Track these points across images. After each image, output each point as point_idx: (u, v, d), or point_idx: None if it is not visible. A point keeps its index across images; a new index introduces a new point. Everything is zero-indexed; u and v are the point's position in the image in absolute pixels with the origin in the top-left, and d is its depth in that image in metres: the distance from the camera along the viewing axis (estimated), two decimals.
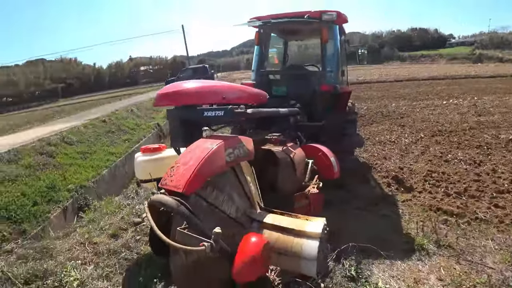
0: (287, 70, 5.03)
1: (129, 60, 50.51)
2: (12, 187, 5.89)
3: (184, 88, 2.07)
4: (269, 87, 4.79)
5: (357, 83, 19.11)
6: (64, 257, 2.72)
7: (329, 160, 2.84)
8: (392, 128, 8.10)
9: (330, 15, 3.88)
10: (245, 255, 1.39)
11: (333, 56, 4.49)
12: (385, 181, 4.86)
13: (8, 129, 13.39)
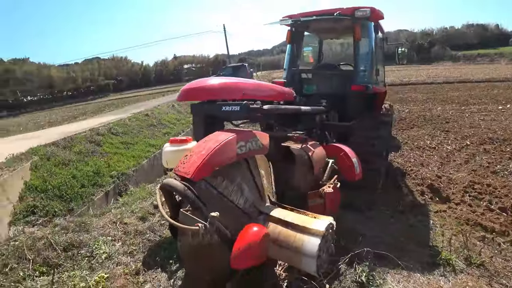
0: (318, 69, 4.95)
1: (173, 59, 53.15)
2: (65, 170, 6.63)
3: (205, 84, 2.19)
4: (300, 86, 4.79)
5: (401, 84, 18.00)
6: (98, 232, 3.03)
7: (351, 161, 2.77)
8: (434, 134, 7.54)
9: (363, 11, 3.73)
10: (243, 242, 1.45)
11: (367, 54, 4.33)
12: (418, 189, 4.58)
13: (66, 119, 15.03)
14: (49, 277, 2.35)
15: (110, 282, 2.30)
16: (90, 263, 2.57)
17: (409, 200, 4.23)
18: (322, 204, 2.27)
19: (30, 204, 5.15)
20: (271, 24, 4.69)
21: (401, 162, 5.73)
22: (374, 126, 4.13)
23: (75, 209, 5.62)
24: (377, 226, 3.22)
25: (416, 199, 4.29)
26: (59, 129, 11.10)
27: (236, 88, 2.28)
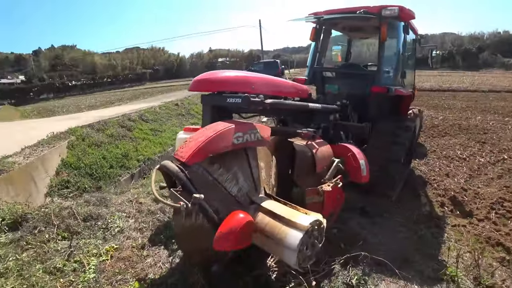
0: (341, 68, 4.86)
1: (208, 52, 54.27)
2: (97, 151, 7.18)
3: (215, 77, 2.30)
4: (322, 84, 4.75)
5: (440, 90, 16.88)
6: (115, 208, 3.32)
7: (358, 163, 2.74)
8: (467, 144, 7.04)
9: (391, 10, 3.60)
10: (226, 226, 1.54)
11: (393, 56, 4.18)
12: (439, 200, 4.34)
13: (104, 104, 16.11)
14: (68, 241, 2.65)
15: (118, 252, 2.54)
16: (104, 234, 2.84)
17: (425, 210, 4.04)
18: (320, 202, 2.28)
19: (64, 179, 5.68)
20: (294, 20, 4.68)
21: (424, 170, 5.47)
22: (393, 130, 4.00)
23: (103, 187, 6.07)
24: (383, 233, 3.14)
25: (434, 210, 4.09)
26: (96, 112, 11.97)
27: (245, 81, 2.36)
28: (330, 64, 5.68)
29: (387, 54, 4.08)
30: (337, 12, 4.13)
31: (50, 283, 2.14)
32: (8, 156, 5.24)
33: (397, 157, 3.91)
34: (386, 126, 4.09)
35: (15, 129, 9.26)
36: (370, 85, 3.96)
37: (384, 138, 3.97)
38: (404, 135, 4.00)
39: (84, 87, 34.48)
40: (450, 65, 33.95)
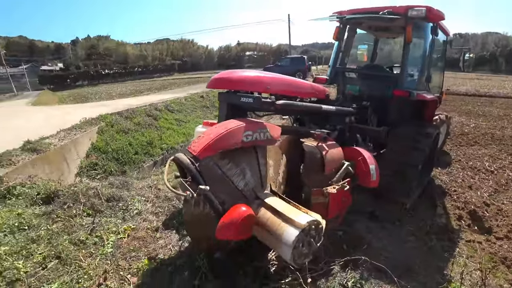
0: (362, 69, 4.77)
1: (236, 45, 54.54)
2: (124, 137, 7.62)
3: (232, 76, 2.40)
4: (343, 85, 4.70)
5: (475, 95, 15.82)
6: (136, 192, 3.59)
7: (367, 167, 2.74)
8: (498, 156, 6.64)
9: (417, 11, 3.47)
10: (228, 217, 1.66)
11: (418, 58, 4.06)
12: (456, 213, 4.18)
13: (134, 92, 16.86)
14: (92, 218, 2.93)
15: (134, 232, 2.78)
16: (124, 214, 3.10)
17: (440, 222, 3.91)
18: (325, 203, 2.32)
19: (93, 161, 6.13)
20: (316, 20, 4.65)
21: (445, 180, 5.27)
22: (413, 135, 3.91)
23: (127, 172, 6.47)
24: (390, 240, 3.11)
25: (449, 223, 3.95)
26: (126, 101, 12.58)
27: (260, 81, 2.44)
28: (355, 63, 5.59)
29: (412, 56, 3.95)
30: (361, 12, 4.06)
31: (74, 252, 2.42)
32: (45, 137, 5.74)
33: (414, 163, 3.81)
34: (406, 130, 3.99)
35: (53, 113, 10.01)
36: (392, 88, 3.87)
37: (402, 143, 3.88)
38: (424, 141, 3.87)
39: (116, 75, 36.12)
40: (491, 68, 31.54)
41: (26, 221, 2.76)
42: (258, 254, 2.28)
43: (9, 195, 3.36)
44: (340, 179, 2.59)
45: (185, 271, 2.16)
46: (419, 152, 3.79)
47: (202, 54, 49.52)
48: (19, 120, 8.85)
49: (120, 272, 2.23)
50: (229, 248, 2.10)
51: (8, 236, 2.55)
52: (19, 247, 2.41)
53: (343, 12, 4.30)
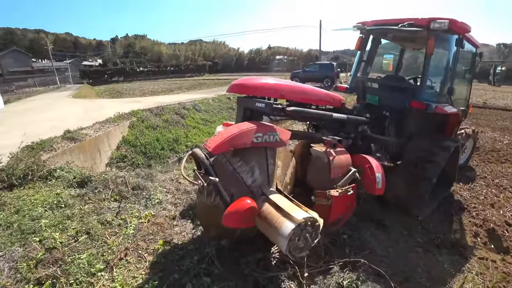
0: (382, 80, 4.79)
1: (267, 48, 54.97)
2: (152, 133, 8.12)
3: (250, 82, 2.62)
4: (363, 94, 4.75)
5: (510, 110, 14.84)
6: (158, 183, 3.93)
7: (374, 175, 2.82)
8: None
9: (440, 23, 3.46)
10: (233, 207, 1.86)
11: (440, 70, 4.03)
12: (473, 230, 4.06)
13: (164, 91, 17.69)
14: (118, 203, 3.29)
15: (154, 218, 3.10)
16: (146, 202, 3.44)
17: (453, 237, 3.82)
18: (328, 205, 2.45)
19: (122, 153, 6.64)
20: (340, 30, 4.77)
21: (465, 196, 5.11)
22: (430, 148, 3.88)
23: (153, 165, 6.91)
24: (396, 248, 3.14)
25: (464, 239, 3.86)
26: (157, 98, 13.28)
27: (275, 88, 2.64)
28: (381, 72, 5.59)
29: (433, 68, 3.94)
30: (383, 23, 4.11)
31: (101, 230, 2.77)
32: (82, 128, 6.33)
33: (428, 177, 3.79)
34: (423, 143, 3.97)
35: (91, 106, 10.88)
36: (410, 99, 3.89)
37: (418, 154, 3.88)
38: (440, 154, 3.82)
39: (149, 73, 37.98)
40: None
41: (63, 200, 3.19)
42: (262, 246, 2.46)
43: (50, 177, 3.84)
44: (346, 184, 2.70)
45: (194, 255, 2.40)
46: (434, 165, 3.75)
47: (233, 56, 50.49)
48: (62, 111, 9.75)
49: (138, 251, 2.53)
50: (235, 238, 2.31)
51: (48, 212, 2.98)
52: (56, 221, 2.81)
53: (366, 22, 4.38)
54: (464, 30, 3.83)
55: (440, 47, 4.17)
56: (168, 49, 48.07)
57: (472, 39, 4.32)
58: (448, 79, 4.06)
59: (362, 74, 4.86)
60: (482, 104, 16.52)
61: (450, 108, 4.13)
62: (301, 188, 2.93)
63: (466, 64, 4.87)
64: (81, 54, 59.34)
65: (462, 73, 4.80)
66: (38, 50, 53.45)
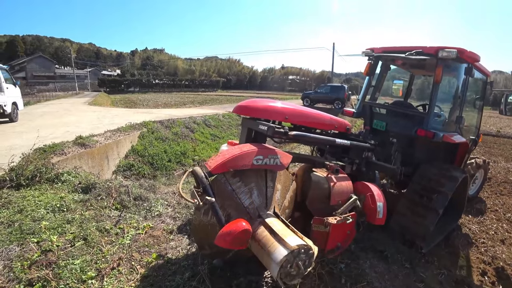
0: (390, 106, 4.79)
1: (280, 68, 56.06)
2: (161, 145, 8.25)
3: (255, 105, 2.68)
4: (370, 119, 4.75)
5: None
6: (160, 196, 3.96)
7: (375, 204, 2.76)
8: None
9: (448, 52, 3.47)
10: (227, 228, 1.83)
11: (449, 98, 4.02)
12: (481, 267, 3.88)
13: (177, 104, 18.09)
14: (119, 212, 3.33)
15: (152, 230, 3.10)
16: (146, 214, 3.46)
17: (460, 274, 3.66)
18: (326, 232, 2.39)
19: (130, 162, 6.74)
20: (348, 56, 4.86)
21: (474, 230, 4.92)
22: (436, 178, 3.80)
23: (158, 176, 6.97)
24: (394, 282, 3.01)
25: (470, 277, 3.69)
26: (169, 111, 13.58)
27: (279, 112, 2.68)
28: (389, 97, 5.61)
29: (441, 96, 3.93)
30: (391, 51, 4.17)
31: (98, 237, 2.79)
32: (94, 135, 6.50)
33: (435, 207, 3.69)
34: (429, 172, 3.90)
35: (105, 114, 11.21)
36: (417, 127, 3.85)
37: (424, 184, 3.80)
38: (448, 185, 3.72)
39: (164, 86, 39.16)
40: None
41: (66, 204, 3.25)
42: (254, 269, 2.42)
43: (57, 180, 3.93)
44: (346, 211, 2.66)
45: (186, 272, 2.37)
46: (441, 196, 3.66)
47: (246, 74, 51.63)
48: (77, 116, 10.06)
49: (131, 262, 2.53)
50: (228, 258, 2.29)
51: (49, 214, 3.04)
52: (56, 224, 2.86)
53: (375, 49, 4.45)
54: (473, 59, 3.84)
55: (449, 75, 4.18)
56: (184, 63, 49.70)
57: (482, 68, 4.32)
58: (456, 107, 4.04)
59: (370, 99, 4.88)
60: (496, 132, 16.20)
61: (459, 137, 4.07)
62: (301, 212, 2.88)
63: (477, 92, 4.85)
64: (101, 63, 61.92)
65: (472, 102, 4.78)
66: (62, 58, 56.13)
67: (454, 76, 4.07)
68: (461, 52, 3.54)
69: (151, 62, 48.08)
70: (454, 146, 4.27)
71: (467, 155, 4.83)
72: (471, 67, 3.88)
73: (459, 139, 4.02)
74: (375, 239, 3.73)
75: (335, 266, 2.85)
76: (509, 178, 7.95)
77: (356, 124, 14.19)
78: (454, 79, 4.05)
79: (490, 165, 7.63)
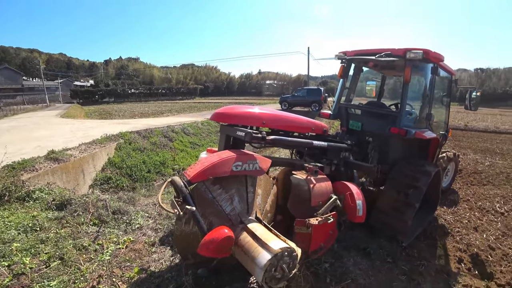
0: (364, 106, 4.96)
1: (258, 73, 56.55)
2: (139, 155, 8.03)
3: (231, 111, 2.68)
4: (346, 120, 4.89)
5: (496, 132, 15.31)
6: (140, 208, 3.85)
7: (354, 202, 2.83)
8: (511, 197, 6.39)
9: (415, 53, 3.67)
10: (210, 236, 1.81)
11: (418, 97, 4.22)
12: (457, 255, 4.06)
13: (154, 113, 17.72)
14: (97, 227, 3.20)
15: (133, 244, 3.00)
16: (126, 227, 3.34)
17: (438, 264, 3.80)
18: (308, 233, 2.39)
19: (107, 175, 6.51)
20: (322, 59, 4.99)
21: (449, 220, 5.15)
22: (411, 174, 3.96)
23: (137, 188, 6.77)
24: (378, 277, 3.09)
25: (448, 265, 3.84)
26: (146, 121, 13.29)
27: (256, 117, 2.70)
28: (364, 98, 5.79)
29: (411, 95, 4.12)
30: (363, 53, 4.34)
31: (76, 256, 2.66)
32: (68, 149, 6.22)
33: (411, 202, 3.83)
34: (404, 168, 4.06)
35: (78, 127, 10.77)
36: (390, 125, 4.00)
37: (400, 180, 3.95)
38: (422, 180, 3.89)
39: (140, 95, 38.28)
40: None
41: (39, 223, 3.08)
42: (239, 276, 2.40)
43: (28, 198, 3.72)
44: (327, 211, 2.69)
45: (170, 284, 2.32)
46: (416, 190, 3.81)
47: (224, 80, 51.58)
48: (49, 130, 9.59)
49: (112, 278, 2.43)
50: (212, 267, 2.26)
51: (21, 235, 2.87)
52: (29, 245, 2.70)
53: (347, 52, 4.60)
54: (437, 59, 4.06)
55: (417, 75, 4.39)
56: (160, 72, 48.98)
57: (447, 67, 4.58)
58: (426, 105, 4.24)
59: (345, 101, 5.02)
60: (464, 126, 17.16)
61: (430, 133, 4.27)
62: (283, 216, 2.90)
63: (443, 90, 5.12)
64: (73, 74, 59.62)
65: (440, 99, 5.03)
66: (30, 69, 53.51)
67: (422, 75, 4.29)
68: (426, 53, 3.74)
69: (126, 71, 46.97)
70: (426, 142, 4.47)
71: (439, 150, 5.08)
72: (436, 67, 4.11)
73: (430, 135, 4.23)
74: (357, 237, 3.82)
75: (319, 266, 2.89)
76: (478, 169, 8.42)
77: (334, 125, 14.53)
78: (422, 78, 4.27)
79: (460, 158, 8.05)
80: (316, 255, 2.61)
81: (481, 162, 9.24)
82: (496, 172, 8.08)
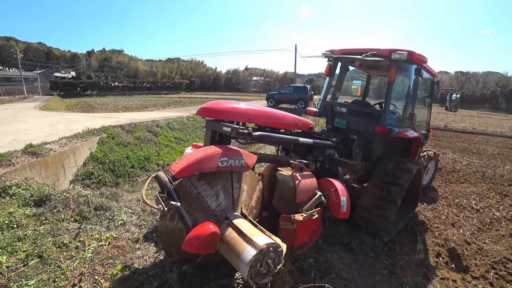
0: (349, 105, 5.05)
1: (244, 69, 56.31)
2: (122, 150, 7.85)
3: (217, 106, 2.65)
4: (332, 118, 4.96)
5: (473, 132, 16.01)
6: (124, 204, 3.75)
7: (339, 198, 2.88)
8: (486, 195, 6.69)
9: (400, 54, 3.75)
10: (194, 232, 1.80)
11: (402, 97, 4.32)
12: (436, 250, 4.24)
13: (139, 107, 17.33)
14: (78, 224, 3.10)
15: (116, 241, 2.92)
16: (109, 224, 3.25)
17: (418, 258, 3.96)
18: (293, 229, 2.42)
19: (89, 170, 6.32)
20: (309, 57, 5.03)
21: (429, 216, 5.35)
22: (393, 171, 4.07)
23: (121, 183, 6.62)
24: (362, 272, 3.18)
25: (427, 259, 4.01)
26: (130, 115, 12.96)
27: (243, 113, 2.68)
28: (350, 97, 5.89)
29: (395, 95, 4.21)
30: (349, 52, 4.40)
31: (56, 253, 2.57)
32: (47, 142, 5.98)
33: (393, 199, 3.94)
34: (387, 166, 4.17)
35: (59, 120, 10.37)
36: (374, 124, 4.08)
37: (383, 178, 4.05)
38: (404, 177, 4.00)
39: (125, 88, 37.22)
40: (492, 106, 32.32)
41: (16, 220, 2.95)
42: (225, 272, 2.40)
43: (4, 194, 3.56)
44: (312, 207, 2.73)
45: (155, 281, 2.28)
46: (398, 187, 3.92)
47: (210, 75, 51.02)
48: (27, 123, 9.19)
49: (95, 276, 2.36)
50: (197, 263, 2.25)
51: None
52: (5, 243, 2.58)
53: (334, 51, 4.65)
54: (421, 61, 4.17)
55: (401, 75, 4.50)
56: (145, 65, 47.81)
57: (430, 69, 4.71)
58: (409, 105, 4.35)
59: (331, 99, 5.09)
60: (444, 127, 17.85)
61: (412, 132, 4.40)
62: (268, 212, 2.92)
63: (426, 91, 5.28)
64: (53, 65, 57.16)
65: (422, 100, 5.18)
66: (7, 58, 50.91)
67: (405, 76, 4.39)
68: (411, 54, 3.83)
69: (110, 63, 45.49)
70: (409, 140, 4.61)
71: (420, 149, 5.24)
72: (420, 68, 4.22)
73: (413, 134, 4.35)
74: (341, 232, 3.89)
75: (304, 261, 2.93)
76: (456, 167, 8.78)
77: (319, 123, 14.70)
78: (406, 79, 4.37)
79: (440, 157, 8.35)
80: (301, 251, 2.65)
81: (459, 161, 9.63)
82: (472, 171, 8.46)
